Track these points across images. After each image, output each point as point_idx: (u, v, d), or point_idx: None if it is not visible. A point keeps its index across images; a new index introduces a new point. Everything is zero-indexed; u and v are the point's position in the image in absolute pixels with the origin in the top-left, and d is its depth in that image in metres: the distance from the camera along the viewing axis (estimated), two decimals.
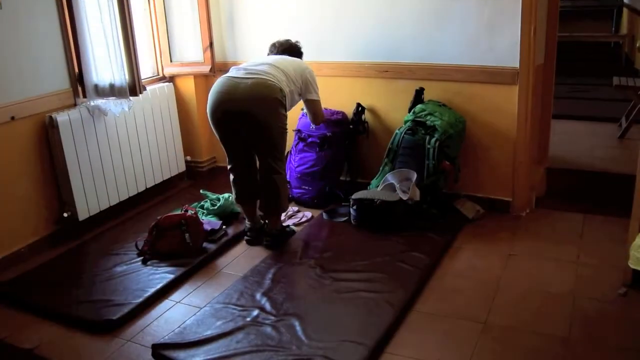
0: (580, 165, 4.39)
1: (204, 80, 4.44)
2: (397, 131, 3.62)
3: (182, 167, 4.45)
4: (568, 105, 5.82)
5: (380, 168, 3.68)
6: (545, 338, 2.49)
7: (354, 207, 3.47)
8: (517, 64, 3.43)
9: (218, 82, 3.19)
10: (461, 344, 2.48)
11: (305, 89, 3.33)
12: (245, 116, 3.09)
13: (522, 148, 3.58)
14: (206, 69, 4.26)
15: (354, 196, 3.50)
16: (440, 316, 2.69)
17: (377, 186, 3.60)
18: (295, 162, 3.89)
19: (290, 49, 3.53)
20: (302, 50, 3.61)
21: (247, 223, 3.49)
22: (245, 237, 3.48)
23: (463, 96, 3.65)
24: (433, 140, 3.45)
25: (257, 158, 3.29)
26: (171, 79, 4.39)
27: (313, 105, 3.45)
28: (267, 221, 3.46)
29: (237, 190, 3.40)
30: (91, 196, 3.65)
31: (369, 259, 3.12)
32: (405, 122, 3.63)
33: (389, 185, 3.53)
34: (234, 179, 3.38)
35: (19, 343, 2.63)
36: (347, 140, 3.89)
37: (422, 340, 2.53)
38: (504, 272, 3.03)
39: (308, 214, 3.77)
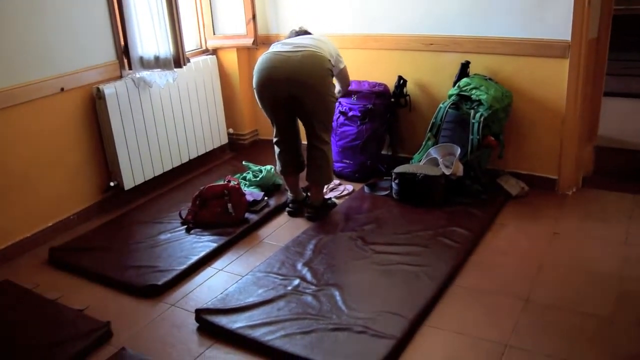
0: (631, 145, 4.25)
1: (246, 52, 4.45)
2: (441, 105, 3.57)
3: (225, 140, 4.50)
4: (621, 83, 5.61)
5: (423, 142, 3.64)
6: (589, 318, 2.44)
7: (396, 181, 3.45)
8: (568, 37, 3.32)
9: (265, 59, 3.18)
10: (502, 320, 2.45)
11: (336, 60, 3.31)
12: (299, 89, 3.10)
13: (571, 125, 3.48)
14: (249, 41, 4.26)
15: (396, 170, 3.47)
16: (481, 291, 2.66)
17: (420, 160, 3.56)
18: (337, 136, 3.87)
19: (307, 34, 3.49)
20: None
21: (290, 195, 3.52)
22: (287, 209, 3.51)
23: (510, 70, 3.56)
24: (478, 115, 3.39)
25: (306, 129, 3.29)
26: (214, 51, 4.42)
27: (344, 73, 3.44)
28: (309, 193, 3.48)
29: (282, 163, 3.42)
30: (136, 166, 3.73)
31: (410, 233, 3.10)
32: (450, 96, 3.57)
33: (431, 159, 3.49)
34: (280, 152, 3.40)
35: (70, 304, 2.73)
36: (388, 113, 3.85)
37: (462, 314, 2.51)
38: (547, 251, 2.98)
39: (349, 187, 3.77)
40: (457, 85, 3.57)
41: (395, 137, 3.97)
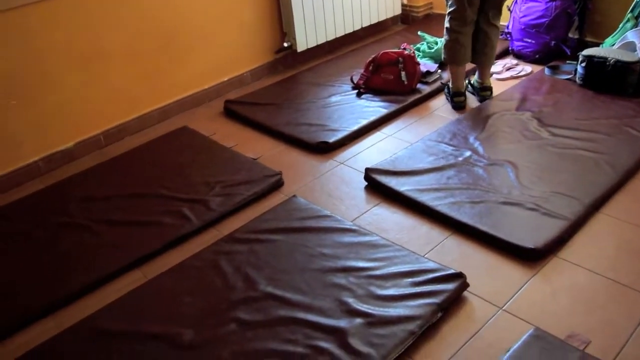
0: None
1: None
2: None
3: (398, 10, 4.37)
4: None
5: (620, 25, 3.29)
6: None
7: (583, 65, 3.19)
8: None
9: None
10: None
11: None
12: None
13: None
14: None
15: (584, 52, 3.19)
16: None
17: (613, 45, 3.25)
18: (521, 12, 3.60)
19: None
20: None
21: (453, 87, 3.17)
22: (454, 104, 3.18)
23: None
24: None
25: (486, 9, 3.00)
26: None
27: None
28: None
29: (459, 48, 3.04)
30: (310, 29, 3.76)
31: (592, 119, 2.90)
32: None
33: (627, 43, 3.16)
34: (458, 35, 3.01)
35: (245, 152, 2.93)
36: None
37: None
38: None
39: (528, 68, 3.54)
40: None
41: (586, 19, 3.61)
